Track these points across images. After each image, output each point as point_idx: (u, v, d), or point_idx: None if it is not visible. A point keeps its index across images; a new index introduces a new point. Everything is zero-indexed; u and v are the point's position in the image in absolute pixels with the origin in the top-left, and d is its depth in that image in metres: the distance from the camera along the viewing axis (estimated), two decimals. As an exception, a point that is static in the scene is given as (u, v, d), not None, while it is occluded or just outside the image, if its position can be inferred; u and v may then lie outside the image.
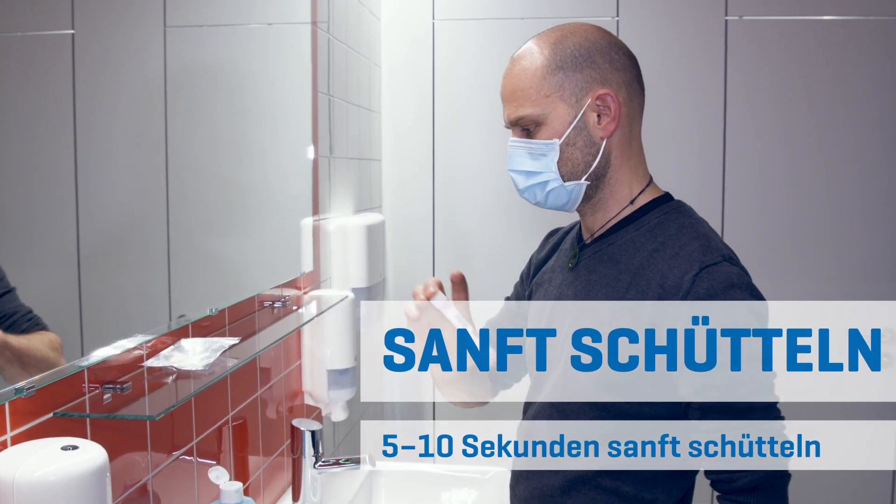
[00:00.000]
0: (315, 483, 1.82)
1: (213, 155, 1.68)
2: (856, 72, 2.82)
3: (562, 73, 1.35)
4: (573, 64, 1.35)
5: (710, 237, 1.35)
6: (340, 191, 2.44)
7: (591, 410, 1.38)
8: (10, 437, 1.02)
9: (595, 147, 1.37)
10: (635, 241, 1.38)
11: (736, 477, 1.28)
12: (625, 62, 1.38)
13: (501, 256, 3.03)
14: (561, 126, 1.36)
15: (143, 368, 1.31)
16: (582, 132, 1.36)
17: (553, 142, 1.36)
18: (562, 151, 1.36)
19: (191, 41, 1.60)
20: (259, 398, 1.81)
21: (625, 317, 1.33)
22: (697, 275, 1.28)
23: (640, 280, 1.33)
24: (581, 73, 1.35)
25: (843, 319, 2.92)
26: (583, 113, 1.35)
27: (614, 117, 1.36)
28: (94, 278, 1.24)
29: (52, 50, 1.16)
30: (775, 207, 2.90)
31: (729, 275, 1.28)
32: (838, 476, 2.93)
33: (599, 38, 1.38)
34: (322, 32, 2.24)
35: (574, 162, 1.37)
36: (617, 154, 1.39)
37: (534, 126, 1.37)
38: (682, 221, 1.37)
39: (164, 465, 1.39)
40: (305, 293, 2.09)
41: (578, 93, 1.35)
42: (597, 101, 1.35)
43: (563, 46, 1.36)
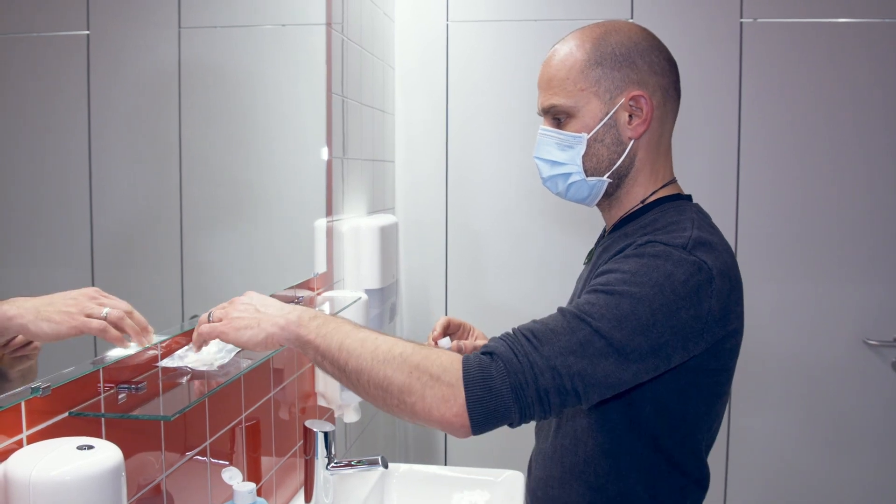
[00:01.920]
0: (327, 484, 1.82)
1: (226, 156, 1.69)
2: (870, 75, 2.81)
3: (600, 69, 1.36)
4: (612, 62, 1.36)
5: (687, 230, 1.29)
6: (354, 192, 2.44)
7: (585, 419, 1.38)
8: (26, 436, 1.03)
9: (622, 146, 1.38)
10: (627, 236, 1.38)
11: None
12: (664, 66, 1.39)
13: (514, 258, 3.03)
14: (591, 121, 1.37)
15: (158, 368, 1.31)
16: (611, 130, 1.37)
17: (581, 135, 1.37)
18: (588, 146, 1.37)
19: (205, 42, 1.60)
20: (272, 399, 1.81)
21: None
22: (642, 245, 1.26)
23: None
24: (619, 72, 1.36)
25: (857, 324, 2.93)
26: (615, 111, 1.36)
27: (645, 119, 1.36)
28: (107, 278, 1.24)
29: (67, 51, 1.16)
30: (789, 208, 2.89)
31: (669, 253, 1.23)
32: (849, 484, 2.93)
33: (642, 39, 1.39)
34: (336, 34, 2.24)
35: (599, 158, 1.38)
36: (643, 155, 1.40)
37: (564, 117, 1.38)
38: (672, 218, 1.35)
39: (177, 465, 1.39)
40: (319, 294, 2.09)
41: (613, 90, 1.36)
42: (630, 102, 1.36)
43: (606, 43, 1.37)
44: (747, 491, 2.98)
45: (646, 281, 1.20)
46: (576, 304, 1.22)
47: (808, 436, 2.94)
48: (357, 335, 1.21)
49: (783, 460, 2.96)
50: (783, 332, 2.91)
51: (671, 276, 1.21)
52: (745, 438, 2.95)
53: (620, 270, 1.23)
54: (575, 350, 1.16)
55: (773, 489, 2.97)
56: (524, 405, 1.15)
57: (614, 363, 1.17)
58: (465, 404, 1.14)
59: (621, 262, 1.24)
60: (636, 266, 1.22)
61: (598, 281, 1.24)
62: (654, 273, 1.21)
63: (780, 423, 2.95)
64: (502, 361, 1.15)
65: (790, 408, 2.94)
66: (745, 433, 2.95)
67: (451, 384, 1.14)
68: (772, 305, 2.89)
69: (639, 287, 1.19)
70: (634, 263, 1.23)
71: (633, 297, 1.19)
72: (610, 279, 1.22)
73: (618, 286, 1.20)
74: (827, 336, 2.91)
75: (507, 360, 1.15)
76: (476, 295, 3.06)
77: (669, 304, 1.19)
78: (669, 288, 1.20)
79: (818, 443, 2.94)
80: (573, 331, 1.17)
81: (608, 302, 1.19)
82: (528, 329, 1.20)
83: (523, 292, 3.02)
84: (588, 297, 1.22)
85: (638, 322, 1.18)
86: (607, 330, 1.17)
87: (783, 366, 2.92)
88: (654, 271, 1.21)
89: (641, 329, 1.18)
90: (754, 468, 2.97)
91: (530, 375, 1.15)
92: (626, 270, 1.22)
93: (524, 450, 1.65)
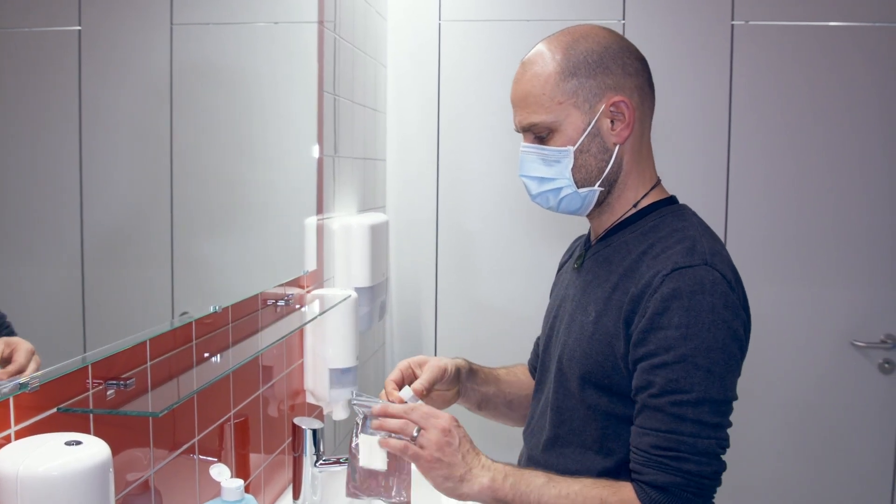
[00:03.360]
0: (315, 481, 1.82)
1: (217, 153, 1.69)
2: (861, 78, 2.83)
3: (575, 80, 1.34)
4: (586, 70, 1.34)
5: (698, 240, 1.33)
6: (345, 190, 2.45)
7: (582, 408, 1.38)
8: (14, 431, 1.03)
9: (608, 153, 1.37)
10: (629, 243, 1.38)
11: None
12: (637, 66, 1.38)
13: (505, 257, 3.04)
14: (575, 133, 1.36)
15: (147, 365, 1.31)
16: (595, 139, 1.36)
17: (567, 149, 1.36)
18: (576, 158, 1.36)
19: (197, 39, 1.60)
20: (261, 396, 1.81)
21: (607, 317, 1.34)
22: (668, 275, 1.28)
23: (626, 281, 1.34)
24: (594, 80, 1.34)
25: (844, 325, 2.94)
26: (596, 119, 1.35)
27: (628, 124, 1.36)
28: (97, 276, 1.24)
29: (58, 46, 1.16)
30: (779, 211, 2.90)
31: (700, 279, 1.27)
32: (838, 484, 2.94)
33: (611, 42, 1.37)
34: (328, 32, 2.24)
35: (588, 168, 1.37)
36: (629, 158, 1.39)
37: (547, 133, 1.37)
38: (675, 225, 1.37)
39: (166, 462, 1.39)
40: (308, 292, 2.09)
41: (592, 99, 1.35)
42: (611, 108, 1.35)
43: (576, 52, 1.35)
44: (734, 492, 2.99)
45: (700, 329, 1.24)
46: (659, 387, 1.25)
47: (796, 436, 2.95)
48: (550, 491, 1.29)
49: (770, 460, 2.97)
50: (770, 333, 2.92)
51: (714, 308, 1.25)
52: (732, 439, 2.95)
53: (672, 326, 1.25)
54: (699, 431, 1.24)
55: (760, 489, 2.98)
56: (709, 496, 1.27)
57: (726, 409, 1.28)
58: None
59: (666, 316, 1.26)
60: (683, 316, 1.25)
61: (660, 346, 1.26)
62: (702, 314, 1.25)
63: (768, 424, 2.96)
64: (673, 489, 1.24)
65: (777, 409, 2.96)
66: (733, 434, 2.95)
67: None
68: (759, 307, 2.89)
69: (699, 338, 1.24)
70: (679, 313, 1.25)
71: (702, 351, 1.24)
72: (669, 341, 1.25)
73: (681, 348, 1.24)
74: (814, 337, 2.92)
75: (675, 485, 1.24)
76: (466, 293, 3.07)
77: (727, 333, 1.26)
78: (721, 320, 1.25)
79: (805, 444, 2.95)
80: (682, 418, 1.24)
81: (686, 370, 1.24)
82: (657, 446, 1.25)
83: (514, 291, 3.03)
84: (664, 373, 1.25)
85: (720, 368, 1.25)
86: (704, 392, 1.24)
87: (770, 367, 2.93)
88: (700, 313, 1.25)
89: (726, 370, 1.26)
90: (741, 469, 2.98)
91: (700, 479, 1.24)
92: (677, 325, 1.25)
93: (515, 450, 1.65)
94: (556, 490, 1.28)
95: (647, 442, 1.25)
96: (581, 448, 1.32)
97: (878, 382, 2.91)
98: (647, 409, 1.26)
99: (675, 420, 1.23)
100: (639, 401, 1.28)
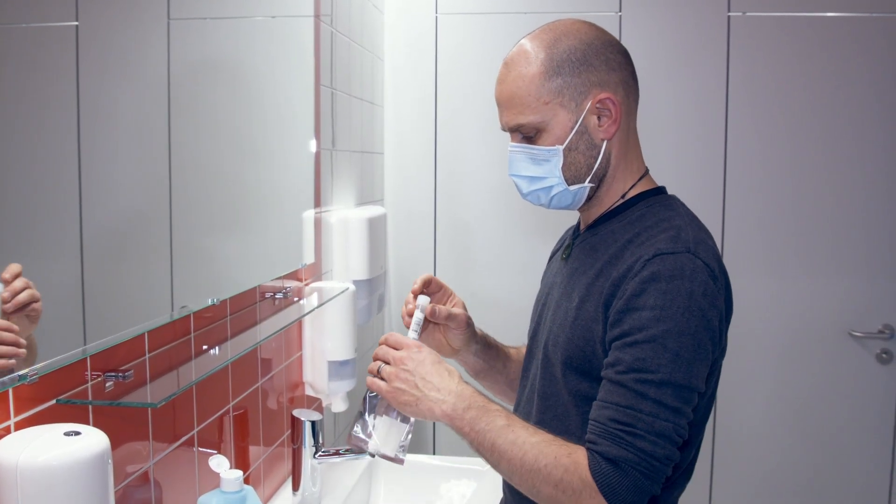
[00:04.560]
0: (315, 473, 1.83)
1: (215, 147, 1.69)
2: (858, 69, 2.83)
3: (560, 79, 1.34)
4: (570, 68, 1.34)
5: (683, 229, 1.33)
6: (342, 183, 2.45)
7: (566, 394, 1.39)
8: (14, 422, 1.04)
9: (596, 149, 1.38)
10: (615, 233, 1.39)
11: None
12: (620, 60, 1.38)
13: (502, 249, 3.05)
14: (562, 132, 1.36)
15: (146, 357, 1.32)
16: (583, 136, 1.36)
17: (556, 148, 1.36)
18: (565, 157, 1.37)
19: (194, 34, 1.61)
20: (260, 388, 1.82)
21: (589, 302, 1.35)
22: (650, 260, 1.28)
23: (609, 267, 1.34)
24: (579, 77, 1.35)
25: (842, 316, 2.95)
26: (583, 117, 1.35)
27: (615, 120, 1.36)
28: (96, 270, 1.25)
29: (55, 42, 1.16)
30: (776, 202, 2.91)
31: (681, 265, 1.27)
32: (836, 475, 2.95)
33: (594, 37, 1.37)
34: (325, 26, 2.25)
35: (577, 165, 1.38)
36: (616, 152, 1.40)
37: (534, 132, 1.37)
38: (662, 214, 1.37)
39: (165, 453, 1.41)
40: (306, 285, 2.10)
41: (578, 97, 1.35)
42: (597, 105, 1.35)
43: (559, 50, 1.35)
44: (733, 483, 3.01)
45: (674, 312, 1.24)
46: (626, 365, 1.25)
47: (794, 427, 2.96)
48: (507, 437, 1.30)
49: (768, 451, 2.98)
50: (768, 323, 2.93)
51: (692, 294, 1.25)
52: (730, 430, 2.98)
53: (647, 307, 1.25)
54: (658, 412, 1.23)
55: (758, 480, 2.99)
56: (659, 480, 1.24)
57: (689, 396, 1.26)
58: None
59: (643, 298, 1.26)
60: (659, 298, 1.25)
61: (633, 326, 1.26)
62: (678, 298, 1.24)
63: (766, 415, 2.97)
64: (624, 464, 1.22)
65: (775, 399, 2.97)
66: (731, 425, 2.97)
67: (593, 497, 1.23)
68: (757, 298, 2.91)
69: (672, 321, 1.24)
70: (655, 295, 1.25)
71: (672, 334, 1.24)
72: (642, 322, 1.25)
73: (653, 328, 1.24)
74: (812, 328, 2.93)
75: (627, 461, 1.22)
76: (464, 286, 3.06)
77: (701, 321, 1.25)
78: (696, 307, 1.25)
79: (804, 434, 2.96)
80: (644, 395, 1.24)
81: (655, 350, 1.24)
82: (614, 420, 1.25)
83: (511, 284, 3.03)
84: (632, 351, 1.25)
85: (688, 353, 1.24)
86: (669, 375, 1.23)
87: (768, 357, 2.95)
88: (677, 297, 1.24)
89: (694, 357, 1.25)
90: (740, 459, 3.00)
91: (651, 460, 1.23)
92: (652, 306, 1.25)
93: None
94: (512, 436, 1.29)
95: (606, 415, 1.25)
96: (566, 434, 1.32)
97: (875, 372, 2.92)
98: (610, 384, 1.27)
99: (637, 397, 1.23)
100: (604, 376, 1.28)
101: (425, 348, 1.42)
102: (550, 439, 1.29)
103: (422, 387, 1.37)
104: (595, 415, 1.27)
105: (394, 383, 1.38)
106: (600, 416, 1.26)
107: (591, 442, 1.26)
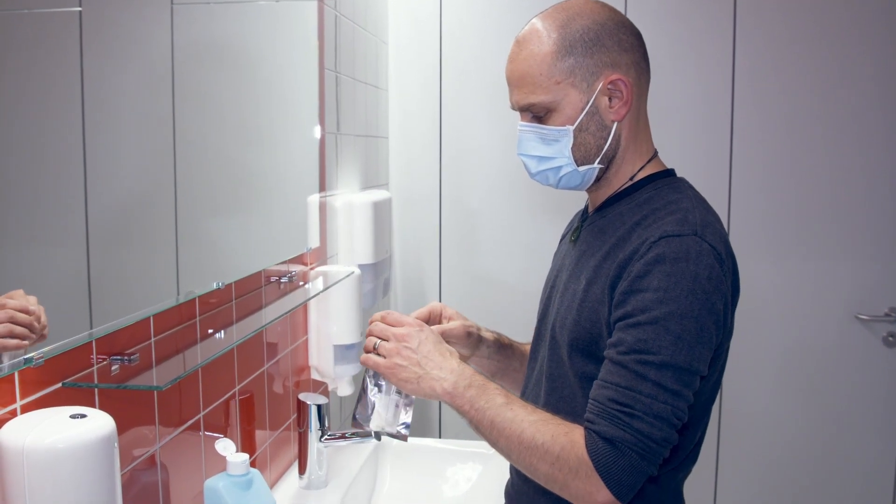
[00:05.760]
0: (321, 456, 1.84)
1: (220, 131, 1.70)
2: (865, 50, 2.81)
3: (572, 59, 1.34)
4: (583, 48, 1.34)
5: (691, 212, 1.33)
6: (347, 168, 2.45)
7: (572, 376, 1.40)
8: (20, 405, 1.04)
9: (606, 130, 1.38)
10: (623, 215, 1.39)
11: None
12: (632, 42, 1.38)
13: (507, 233, 3.04)
14: (573, 112, 1.36)
15: (151, 341, 1.33)
16: (594, 117, 1.36)
17: (566, 128, 1.36)
18: (575, 137, 1.37)
19: (198, 18, 1.61)
20: (266, 372, 1.83)
21: (596, 284, 1.35)
22: (656, 242, 1.28)
23: (616, 250, 1.34)
24: (591, 58, 1.34)
25: (849, 299, 2.94)
26: (594, 98, 1.35)
27: (626, 101, 1.36)
28: (102, 254, 1.25)
29: (59, 27, 1.16)
30: (783, 185, 2.90)
31: (687, 247, 1.26)
32: (842, 458, 2.95)
33: (606, 18, 1.37)
34: (329, 9, 2.24)
35: (587, 146, 1.38)
36: (626, 134, 1.40)
37: (545, 112, 1.37)
38: (670, 197, 1.37)
39: (171, 437, 1.41)
40: (312, 269, 2.10)
41: (589, 78, 1.35)
42: (609, 86, 1.35)
43: (572, 29, 1.35)
44: (739, 466, 3.01)
45: (678, 294, 1.24)
46: (627, 346, 1.25)
47: (801, 411, 2.96)
48: (506, 414, 1.31)
49: (775, 434, 2.98)
50: (775, 307, 2.93)
51: (697, 277, 1.25)
52: (736, 413, 2.98)
53: (651, 289, 1.25)
54: (658, 394, 1.23)
55: (764, 463, 3.00)
56: (656, 461, 1.25)
57: (690, 379, 1.25)
58: (611, 492, 1.23)
59: (647, 279, 1.26)
60: (663, 280, 1.25)
61: (636, 308, 1.26)
62: (683, 281, 1.24)
63: (772, 399, 2.97)
64: (621, 444, 1.23)
65: (782, 383, 2.97)
66: (737, 408, 2.98)
67: (589, 476, 1.24)
68: (764, 281, 2.91)
69: (675, 303, 1.24)
70: (659, 276, 1.25)
71: (675, 316, 1.24)
72: (646, 303, 1.25)
73: (656, 310, 1.24)
74: (818, 311, 2.93)
75: (624, 441, 1.23)
76: (469, 270, 3.08)
77: (705, 304, 1.25)
78: (700, 290, 1.25)
79: (810, 417, 2.96)
80: (644, 377, 1.24)
81: (657, 332, 1.24)
82: (613, 400, 1.25)
83: (516, 267, 3.04)
84: (634, 332, 1.25)
85: (691, 336, 1.24)
86: (670, 357, 1.23)
87: (775, 341, 2.94)
88: (681, 279, 1.24)
89: (696, 340, 1.24)
90: (746, 443, 3.00)
91: (648, 441, 1.23)
92: (656, 288, 1.25)
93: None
94: (511, 414, 1.31)
95: (605, 395, 1.26)
96: (572, 416, 1.32)
97: (882, 355, 2.91)
98: (611, 364, 1.27)
99: (637, 378, 1.24)
100: (606, 356, 1.29)
101: (426, 327, 1.43)
102: (548, 418, 1.30)
103: (424, 364, 1.39)
104: (595, 394, 1.28)
105: (394, 359, 1.40)
106: (599, 396, 1.27)
107: (589, 421, 1.26)
